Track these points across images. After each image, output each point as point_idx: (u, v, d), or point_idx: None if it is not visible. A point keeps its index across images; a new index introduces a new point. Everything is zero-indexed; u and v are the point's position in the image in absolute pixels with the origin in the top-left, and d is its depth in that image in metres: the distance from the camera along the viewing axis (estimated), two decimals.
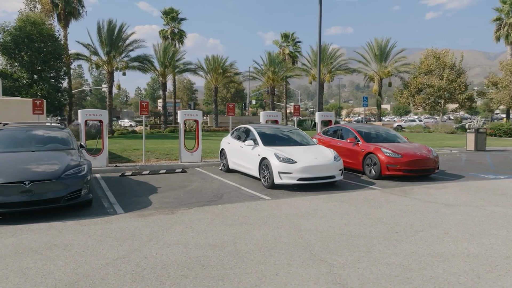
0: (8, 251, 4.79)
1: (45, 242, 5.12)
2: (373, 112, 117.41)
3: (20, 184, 6.01)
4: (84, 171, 6.76)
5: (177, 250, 4.79)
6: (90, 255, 4.65)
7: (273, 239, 5.25)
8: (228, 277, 4.00)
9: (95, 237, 5.34)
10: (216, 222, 6.08)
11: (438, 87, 39.40)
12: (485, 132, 19.41)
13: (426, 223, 6.01)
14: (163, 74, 40.84)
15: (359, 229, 5.70)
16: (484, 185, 9.29)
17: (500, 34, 41.64)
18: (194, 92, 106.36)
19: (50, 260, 4.47)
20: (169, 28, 47.72)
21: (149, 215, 6.52)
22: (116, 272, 4.12)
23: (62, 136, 8.15)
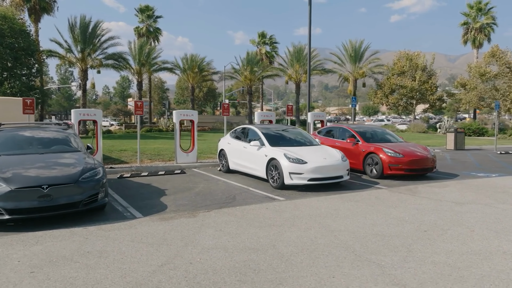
0: (41, 259, 4.53)
1: (75, 249, 4.88)
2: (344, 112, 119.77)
3: (38, 189, 5.70)
4: (100, 174, 6.50)
5: (219, 255, 4.69)
6: (131, 262, 4.47)
7: (310, 240, 5.25)
8: (286, 281, 3.96)
9: (126, 243, 5.15)
10: (243, 225, 6.01)
11: (410, 88, 40.68)
12: (464, 132, 20.25)
13: (448, 222, 6.18)
14: (139, 72, 39.95)
15: (388, 229, 5.79)
16: (481, 184, 9.67)
17: (467, 38, 43.52)
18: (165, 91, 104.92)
19: (91, 269, 4.26)
20: (144, 25, 46.72)
21: (171, 219, 6.35)
22: (168, 280, 3.98)
23: (68, 137, 7.80)
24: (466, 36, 43.49)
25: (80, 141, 7.84)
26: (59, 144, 7.47)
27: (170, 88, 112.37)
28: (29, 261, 4.48)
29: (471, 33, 42.82)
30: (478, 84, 37.73)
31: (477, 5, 42.45)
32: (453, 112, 77.08)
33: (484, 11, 42.30)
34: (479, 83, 37.76)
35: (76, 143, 7.67)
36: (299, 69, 45.86)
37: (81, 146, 7.64)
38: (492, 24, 42.68)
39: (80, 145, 7.67)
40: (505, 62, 36.51)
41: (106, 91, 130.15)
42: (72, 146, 7.53)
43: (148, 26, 46.72)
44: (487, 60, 38.00)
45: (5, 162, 6.21)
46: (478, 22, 42.23)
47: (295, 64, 45.59)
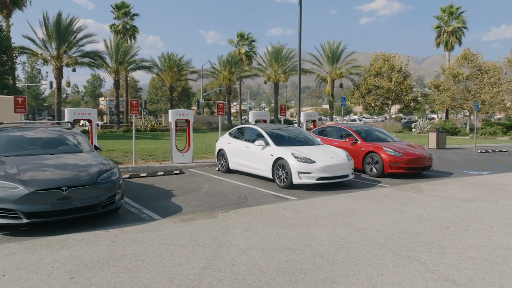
0: (75, 264, 4.33)
1: (106, 253, 4.70)
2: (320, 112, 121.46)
3: (57, 191, 5.45)
4: (116, 174, 6.30)
5: (258, 255, 4.64)
6: (172, 265, 4.35)
7: (341, 239, 5.27)
8: (337, 280, 3.96)
9: (157, 245, 5.00)
10: (268, 224, 5.97)
11: (387, 89, 41.69)
12: (445, 132, 20.95)
13: (464, 218, 6.36)
14: (116, 71, 39.01)
15: (411, 226, 5.90)
16: (477, 181, 10.02)
17: (440, 41, 45.05)
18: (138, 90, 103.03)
19: (133, 273, 4.12)
20: (120, 23, 45.65)
21: (191, 220, 6.23)
22: (218, 282, 3.90)
23: (75, 137, 7.49)
24: (439, 38, 45.01)
25: (87, 140, 7.56)
26: (68, 144, 7.17)
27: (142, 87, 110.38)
28: (63, 266, 4.28)
29: (443, 36, 44.36)
30: (451, 85, 39.14)
31: (449, 9, 44.02)
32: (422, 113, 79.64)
33: (456, 15, 43.93)
34: (452, 84, 39.18)
35: (84, 143, 7.39)
36: (278, 69, 46.11)
37: (89, 146, 7.37)
38: (463, 28, 44.39)
39: (88, 145, 7.39)
40: (476, 65, 38.07)
41: (75, 90, 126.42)
42: (81, 146, 7.24)
43: (125, 24, 45.69)
44: (459, 62, 39.50)
45: (17, 163, 5.90)
46: (450, 26, 43.80)
47: (274, 64, 45.79)
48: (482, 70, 37.51)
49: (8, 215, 5.29)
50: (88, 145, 7.36)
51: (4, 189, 5.30)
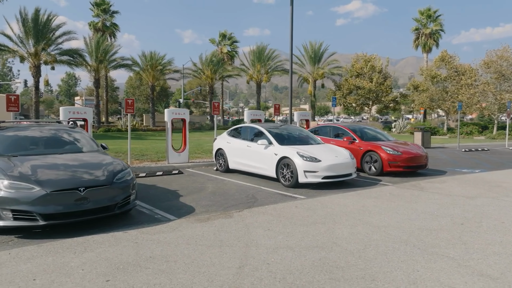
0: (105, 267, 4.20)
1: (134, 255, 4.57)
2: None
3: (75, 192, 5.27)
4: (130, 174, 6.15)
5: (289, 254, 4.63)
6: (206, 265, 4.27)
7: (365, 237, 5.32)
8: (377, 276, 3.99)
9: (183, 246, 4.91)
10: (286, 223, 5.96)
11: (368, 89, 42.39)
12: (430, 131, 21.50)
13: (474, 215, 6.53)
14: (97, 69, 38.14)
15: (427, 223, 6.01)
16: (472, 179, 10.32)
17: (418, 43, 46.18)
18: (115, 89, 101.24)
19: (169, 274, 4.03)
20: (100, 20, 44.65)
21: (208, 220, 6.15)
22: (260, 281, 3.86)
23: (82, 136, 7.27)
24: (417, 40, 46.13)
25: (94, 140, 7.35)
26: (75, 144, 6.94)
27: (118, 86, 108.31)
28: (94, 269, 4.14)
29: (421, 38, 45.48)
30: (429, 86, 40.20)
31: (427, 12, 45.18)
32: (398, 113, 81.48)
33: (433, 18, 45.14)
34: (430, 85, 40.25)
35: (91, 142, 7.18)
36: (260, 69, 46.22)
37: (97, 145, 7.16)
38: (440, 30, 45.65)
39: (96, 144, 7.18)
40: (453, 66, 39.24)
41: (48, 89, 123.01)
42: (89, 145, 7.03)
43: (105, 21, 44.72)
44: (437, 64, 40.60)
45: (28, 163, 5.67)
46: (428, 28, 44.96)
47: (256, 64, 45.87)
48: (459, 72, 38.70)
49: (24, 217, 5.08)
50: (95, 144, 7.15)
51: (19, 190, 5.09)
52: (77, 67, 37.93)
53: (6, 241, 5.07)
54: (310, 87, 47.21)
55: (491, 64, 34.34)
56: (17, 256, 4.53)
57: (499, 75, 33.91)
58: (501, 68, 33.69)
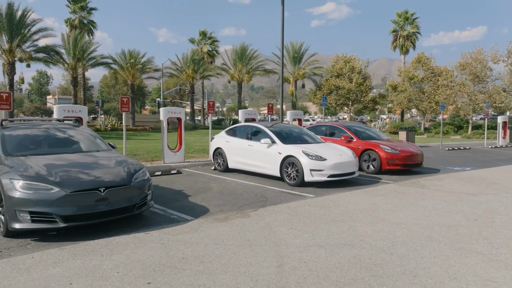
0: (140, 269, 4.06)
1: (165, 256, 4.45)
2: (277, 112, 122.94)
3: (95, 192, 5.08)
4: (146, 174, 5.99)
5: (322, 252, 4.61)
6: (244, 265, 4.21)
7: (388, 234, 5.37)
8: (417, 272, 4.03)
9: (212, 246, 4.82)
10: (307, 222, 5.95)
11: (348, 89, 43.02)
12: (414, 130, 22.02)
13: (484, 211, 6.71)
14: (74, 67, 37.03)
15: (442, 219, 6.13)
16: (467, 176, 10.62)
17: (396, 44, 47.21)
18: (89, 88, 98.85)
19: (210, 275, 3.94)
20: (77, 17, 43.41)
21: (227, 219, 6.07)
22: (304, 280, 3.83)
23: (89, 135, 7.02)
24: (395, 42, 47.14)
25: (101, 138, 7.11)
26: (84, 142, 6.68)
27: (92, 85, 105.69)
28: (129, 272, 4.00)
29: (399, 40, 46.52)
30: (407, 87, 41.20)
31: (404, 15, 46.26)
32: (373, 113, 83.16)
33: (410, 20, 46.25)
34: (408, 86, 41.26)
35: (100, 141, 6.94)
36: (242, 69, 46.13)
37: (106, 144, 6.93)
38: (417, 33, 46.85)
39: (104, 143, 6.95)
40: (429, 68, 40.37)
41: (17, 88, 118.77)
42: (98, 144, 6.79)
43: (82, 18, 43.52)
44: (414, 65, 41.66)
45: (42, 163, 5.42)
46: (405, 31, 46.04)
47: (238, 64, 45.74)
48: (435, 73, 39.85)
49: (43, 219, 4.86)
50: (104, 143, 6.92)
51: (38, 191, 4.86)
52: (53, 65, 36.66)
53: (23, 245, 4.84)
54: (291, 87, 47.47)
55: (466, 66, 35.51)
56: (42, 260, 4.32)
57: (474, 76, 35.10)
58: (476, 70, 34.88)
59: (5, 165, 5.36)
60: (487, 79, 34.88)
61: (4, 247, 4.75)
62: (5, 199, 4.85)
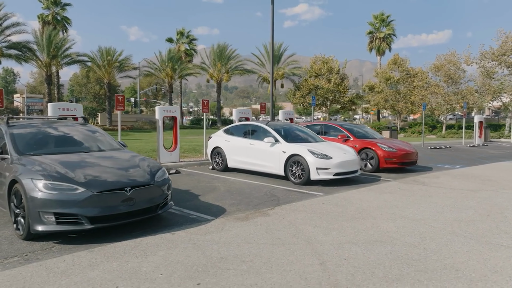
0: (184, 270, 3.95)
1: (203, 256, 4.36)
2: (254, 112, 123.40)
3: (121, 192, 4.91)
4: (166, 173, 5.85)
5: (357, 249, 4.63)
6: (286, 263, 4.17)
7: (412, 230, 5.46)
8: (456, 266, 4.11)
9: (245, 245, 4.75)
10: (329, 219, 5.97)
11: (326, 89, 43.59)
12: (396, 130, 22.57)
13: (492, 206, 6.94)
14: (49, 65, 35.78)
15: (457, 215, 6.29)
16: (460, 174, 10.97)
17: (372, 46, 48.24)
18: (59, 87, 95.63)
19: (256, 274, 3.88)
20: (50, 13, 41.93)
21: (248, 218, 6.01)
22: (353, 277, 3.84)
23: (100, 133, 6.77)
24: (371, 44, 48.16)
25: (111, 137, 6.88)
26: (97, 141, 6.44)
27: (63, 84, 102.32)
28: (172, 273, 3.89)
29: (375, 41, 47.56)
30: (384, 87, 42.20)
31: (380, 17, 47.34)
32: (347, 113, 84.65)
33: (386, 22, 47.39)
34: (385, 87, 42.26)
35: (111, 139, 6.71)
36: (221, 68, 45.91)
37: (117, 142, 6.71)
38: (392, 35, 48.04)
39: (115, 141, 6.73)
40: (405, 69, 41.49)
41: None
42: (110, 143, 6.56)
43: (55, 14, 42.07)
44: (390, 66, 42.70)
45: (61, 163, 5.19)
46: (381, 32, 47.11)
47: (217, 63, 45.49)
48: (410, 74, 41.00)
49: (69, 220, 4.65)
50: (115, 142, 6.71)
51: (63, 191, 4.65)
52: (26, 62, 35.30)
53: (48, 248, 4.62)
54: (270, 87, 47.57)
55: (440, 67, 36.71)
56: (75, 263, 4.14)
57: (448, 78, 36.33)
58: (450, 71, 36.11)
59: (21, 165, 5.10)
60: (460, 81, 36.14)
61: (27, 250, 4.52)
62: (27, 200, 4.61)
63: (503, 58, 31.57)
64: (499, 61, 32.05)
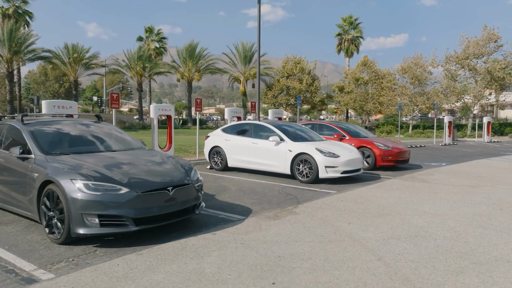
0: (250, 270, 3.88)
1: (259, 255, 4.29)
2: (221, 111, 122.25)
3: (164, 192, 4.74)
4: (198, 173, 5.71)
5: (404, 245, 4.73)
6: (347, 260, 4.19)
7: (441, 224, 5.65)
8: (508, 257, 4.30)
9: (294, 243, 4.73)
10: (359, 216, 6.05)
11: (298, 90, 44.14)
12: (374, 129, 23.22)
13: (499, 201, 7.30)
14: (10, 61, 33.85)
15: (473, 210, 6.57)
16: (449, 171, 11.46)
17: (341, 48, 49.39)
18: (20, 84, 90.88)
19: (324, 272, 3.87)
20: (10, 6, 39.66)
21: (278, 217, 5.98)
22: (415, 270, 3.92)
23: (119, 132, 6.48)
24: (340, 45, 49.29)
25: (130, 135, 6.60)
26: (117, 139, 6.16)
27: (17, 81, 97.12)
28: (240, 273, 3.80)
29: (344, 43, 48.72)
30: (353, 88, 43.33)
31: (348, 19, 48.56)
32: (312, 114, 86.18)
33: (354, 25, 48.68)
34: (354, 87, 43.40)
35: (130, 138, 6.45)
36: (192, 67, 45.34)
37: (138, 141, 6.45)
38: (360, 37, 49.41)
39: (136, 140, 6.46)
40: (374, 71, 42.82)
41: None
42: (131, 141, 6.29)
43: (16, 8, 39.86)
44: (359, 68, 43.93)
45: (92, 162, 4.93)
46: (349, 35, 48.33)
47: (188, 62, 44.87)
48: (379, 76, 42.37)
49: (113, 222, 4.43)
50: (137, 140, 6.45)
51: (106, 192, 4.42)
52: None
53: (91, 252, 4.37)
54: (242, 87, 47.59)
55: (407, 69, 38.15)
56: (131, 266, 3.95)
57: (414, 79, 37.81)
58: (416, 73, 37.59)
59: (51, 165, 4.79)
60: (427, 82, 37.72)
61: (70, 255, 4.26)
62: (68, 202, 4.34)
63: (466, 61, 33.31)
64: (462, 65, 33.79)
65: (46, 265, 3.98)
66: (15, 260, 4.10)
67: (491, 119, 30.63)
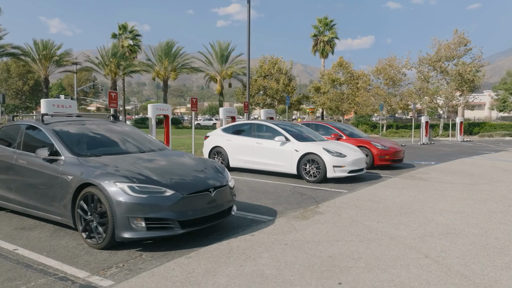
0: (307, 270, 3.89)
1: (308, 255, 4.31)
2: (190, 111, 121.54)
3: (207, 193, 4.66)
4: (229, 174, 5.64)
5: (442, 242, 4.87)
6: (395, 259, 4.27)
7: (466, 221, 5.85)
8: None
9: (335, 242, 4.77)
10: (384, 215, 6.18)
11: (275, 90, 44.41)
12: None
13: (503, 197, 7.63)
14: None
15: (485, 207, 6.85)
16: (443, 169, 11.88)
17: (317, 49, 50.06)
18: None
19: (381, 271, 3.94)
20: None
21: (305, 217, 6.01)
22: (471, 264, 4.05)
23: (139, 131, 6.29)
24: (316, 46, 49.95)
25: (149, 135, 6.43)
26: (141, 140, 5.97)
27: None
28: (301, 274, 3.80)
29: (320, 44, 49.40)
30: (329, 88, 44.05)
31: (324, 21, 49.28)
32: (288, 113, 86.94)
33: (330, 26, 49.46)
34: (330, 88, 44.14)
35: (152, 138, 6.28)
36: (168, 66, 44.67)
37: (159, 141, 6.29)
38: (335, 38, 50.28)
39: (157, 140, 6.30)
40: (349, 72, 43.71)
41: None
42: (154, 141, 6.13)
43: None
44: (335, 69, 44.70)
45: (129, 164, 4.77)
46: (325, 36, 49.08)
47: (164, 60, 44.17)
48: (354, 76, 43.29)
49: (160, 226, 4.31)
50: (156, 140, 6.29)
51: (152, 194, 4.30)
52: None
53: (137, 256, 4.24)
54: (218, 86, 47.38)
55: (382, 70, 39.18)
56: (185, 271, 3.86)
57: (389, 80, 38.89)
58: (390, 75, 38.66)
59: (88, 167, 4.59)
60: (401, 83, 38.88)
61: (118, 260, 4.12)
62: (113, 205, 4.18)
63: (438, 64, 34.58)
64: (435, 67, 35.06)
65: (98, 271, 3.82)
66: (62, 267, 3.92)
67: (463, 119, 31.94)
